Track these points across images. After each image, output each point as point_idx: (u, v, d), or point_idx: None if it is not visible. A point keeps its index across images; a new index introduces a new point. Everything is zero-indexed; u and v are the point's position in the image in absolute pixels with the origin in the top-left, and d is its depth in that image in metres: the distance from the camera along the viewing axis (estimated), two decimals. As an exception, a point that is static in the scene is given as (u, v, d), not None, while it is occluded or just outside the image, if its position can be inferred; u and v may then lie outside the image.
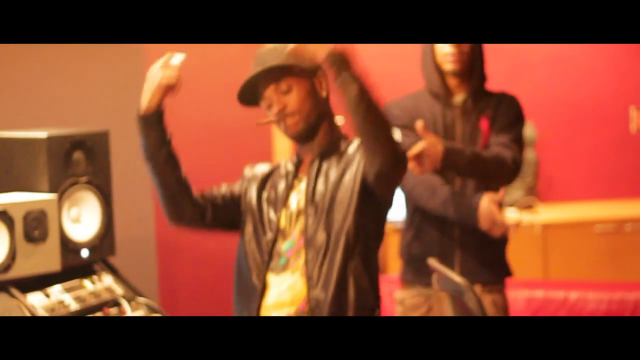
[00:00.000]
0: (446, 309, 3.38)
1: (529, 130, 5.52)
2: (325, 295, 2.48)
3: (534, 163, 5.55)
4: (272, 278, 2.57)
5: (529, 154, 5.54)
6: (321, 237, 2.53)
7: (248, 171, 2.80)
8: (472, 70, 3.38)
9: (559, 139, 5.77)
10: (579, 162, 5.79)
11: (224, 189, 2.77)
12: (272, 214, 2.64)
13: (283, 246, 2.59)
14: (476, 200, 3.24)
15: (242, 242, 2.69)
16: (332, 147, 2.63)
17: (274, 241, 2.60)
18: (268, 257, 2.59)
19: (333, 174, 2.58)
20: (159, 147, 2.63)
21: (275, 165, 2.77)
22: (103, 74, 4.27)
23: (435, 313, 3.41)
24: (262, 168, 2.78)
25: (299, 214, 2.60)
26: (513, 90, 3.51)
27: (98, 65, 4.27)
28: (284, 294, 2.54)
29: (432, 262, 3.13)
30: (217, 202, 2.74)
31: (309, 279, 2.50)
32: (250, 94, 2.62)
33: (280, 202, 2.64)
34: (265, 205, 2.67)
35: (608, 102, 5.78)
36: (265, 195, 2.69)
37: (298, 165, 2.70)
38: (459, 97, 3.39)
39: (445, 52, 3.32)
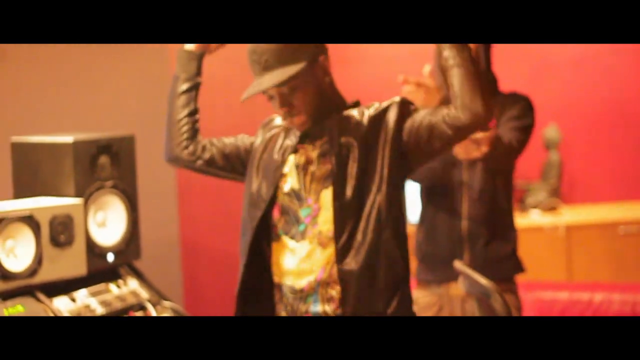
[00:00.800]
0: (457, 308, 3.40)
1: (553, 132, 5.50)
2: (356, 266, 2.46)
3: (558, 164, 5.52)
4: (293, 244, 2.55)
5: (553, 156, 5.52)
6: (351, 208, 2.48)
7: (266, 122, 2.77)
8: None
9: (582, 141, 5.75)
10: (603, 163, 5.76)
11: (238, 139, 2.77)
12: (263, 190, 2.60)
13: (302, 212, 2.55)
14: None
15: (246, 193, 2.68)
16: (346, 119, 2.57)
17: (264, 214, 2.58)
18: (255, 230, 2.58)
19: (355, 144, 2.52)
20: (184, 80, 2.79)
21: (284, 127, 2.70)
22: (128, 77, 4.29)
23: (445, 312, 3.44)
24: (278, 122, 2.73)
25: (312, 180, 2.55)
26: (537, 92, 3.51)
27: (123, 69, 4.30)
28: (303, 262, 2.52)
29: (458, 264, 3.14)
30: (224, 148, 2.76)
31: (338, 248, 2.47)
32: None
33: (277, 173, 2.59)
34: (261, 172, 2.64)
35: (632, 103, 5.74)
36: (264, 156, 2.66)
37: (303, 137, 2.62)
38: None
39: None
